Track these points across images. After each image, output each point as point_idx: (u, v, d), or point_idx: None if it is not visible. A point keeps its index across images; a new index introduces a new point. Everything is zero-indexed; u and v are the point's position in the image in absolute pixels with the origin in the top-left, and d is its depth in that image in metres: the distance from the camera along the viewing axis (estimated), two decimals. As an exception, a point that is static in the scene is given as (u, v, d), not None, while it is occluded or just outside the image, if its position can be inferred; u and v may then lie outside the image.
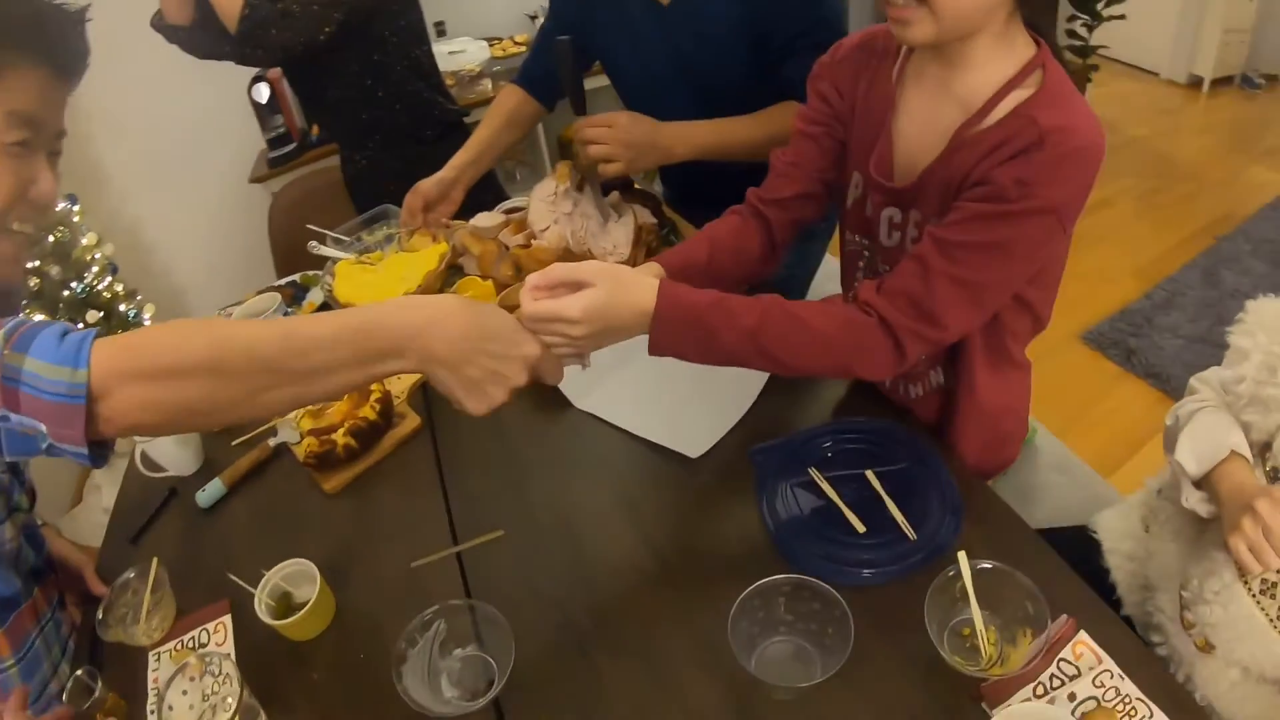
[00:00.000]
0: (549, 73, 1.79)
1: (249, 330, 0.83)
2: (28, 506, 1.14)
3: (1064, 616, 0.90)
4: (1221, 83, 5.17)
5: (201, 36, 1.94)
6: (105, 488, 2.84)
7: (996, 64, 0.99)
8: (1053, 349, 2.98)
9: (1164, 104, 5.35)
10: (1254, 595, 0.97)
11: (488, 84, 3.44)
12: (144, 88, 3.02)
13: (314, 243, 1.73)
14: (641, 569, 1.05)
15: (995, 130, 0.97)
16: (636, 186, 1.71)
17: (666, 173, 2.00)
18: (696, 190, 1.87)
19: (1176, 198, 4.19)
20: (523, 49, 3.61)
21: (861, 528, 1.05)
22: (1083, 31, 4.80)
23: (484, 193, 2.00)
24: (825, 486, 1.09)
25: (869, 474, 1.11)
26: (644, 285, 0.97)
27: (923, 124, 1.07)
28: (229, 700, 0.97)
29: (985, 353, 1.15)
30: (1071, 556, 1.02)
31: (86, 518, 2.77)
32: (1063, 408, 2.71)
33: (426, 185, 1.76)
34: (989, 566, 0.91)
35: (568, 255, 1.49)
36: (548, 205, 1.56)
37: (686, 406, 1.26)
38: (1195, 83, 5.28)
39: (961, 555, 0.91)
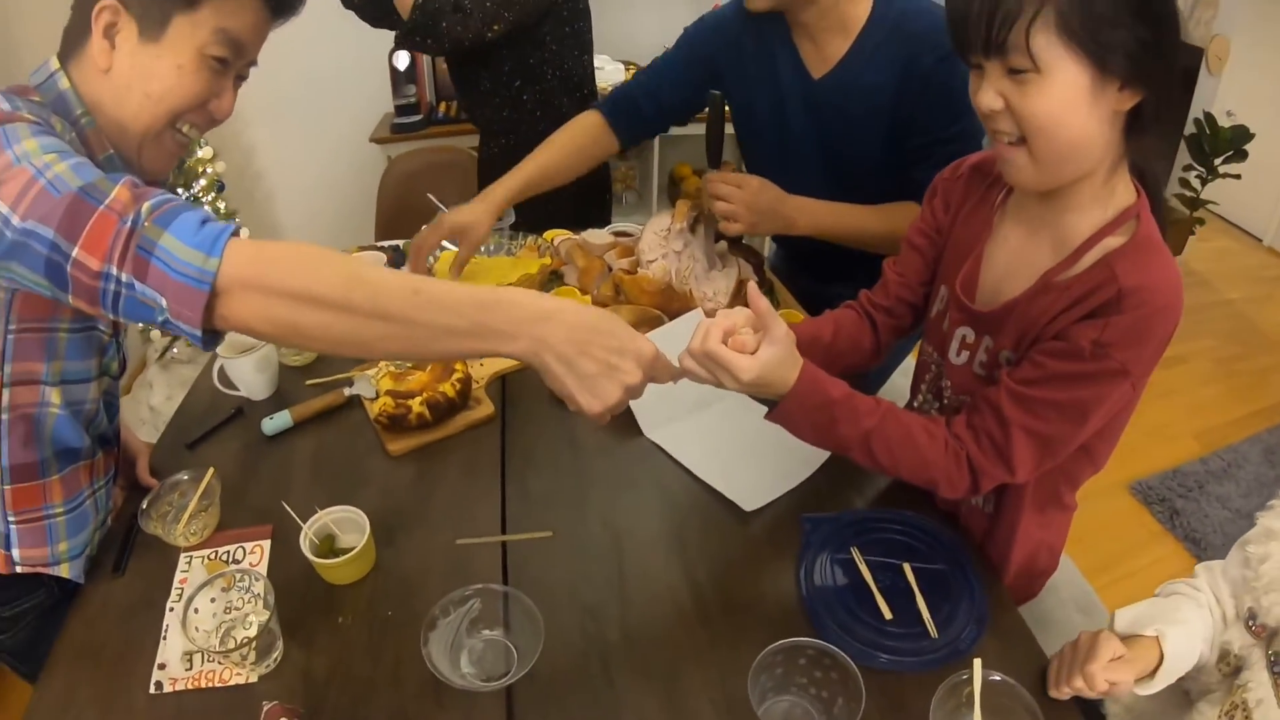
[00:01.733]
0: (643, 110, 1.77)
1: (380, 276, 0.88)
2: (116, 373, 1.22)
3: None
4: (1324, 261, 5.08)
5: (375, 9, 2.02)
6: (156, 387, 2.95)
7: (1095, 209, 1.03)
8: (1099, 493, 2.96)
9: (1262, 271, 5.30)
10: None
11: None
12: (290, 24, 3.18)
13: (426, 227, 1.80)
14: (677, 601, 1.10)
15: (1079, 280, 1.01)
16: (744, 241, 1.76)
17: (782, 237, 2.04)
18: (806, 261, 1.92)
19: (1255, 368, 4.15)
20: None
21: (889, 615, 1.09)
22: (1195, 183, 4.85)
23: (592, 208, 2.06)
24: (863, 568, 1.14)
25: (906, 566, 1.15)
26: (793, 362, 1.04)
27: (1014, 256, 1.12)
28: (251, 619, 1.03)
29: (1036, 494, 1.19)
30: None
31: (132, 411, 2.89)
32: (1097, 552, 2.70)
33: (453, 222, 1.68)
34: (999, 679, 0.95)
35: (669, 291, 1.56)
36: (659, 239, 1.63)
37: (750, 461, 1.31)
38: (1297, 256, 5.19)
39: (976, 662, 0.95)
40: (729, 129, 1.75)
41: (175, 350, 3.11)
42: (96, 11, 1.00)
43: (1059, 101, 0.93)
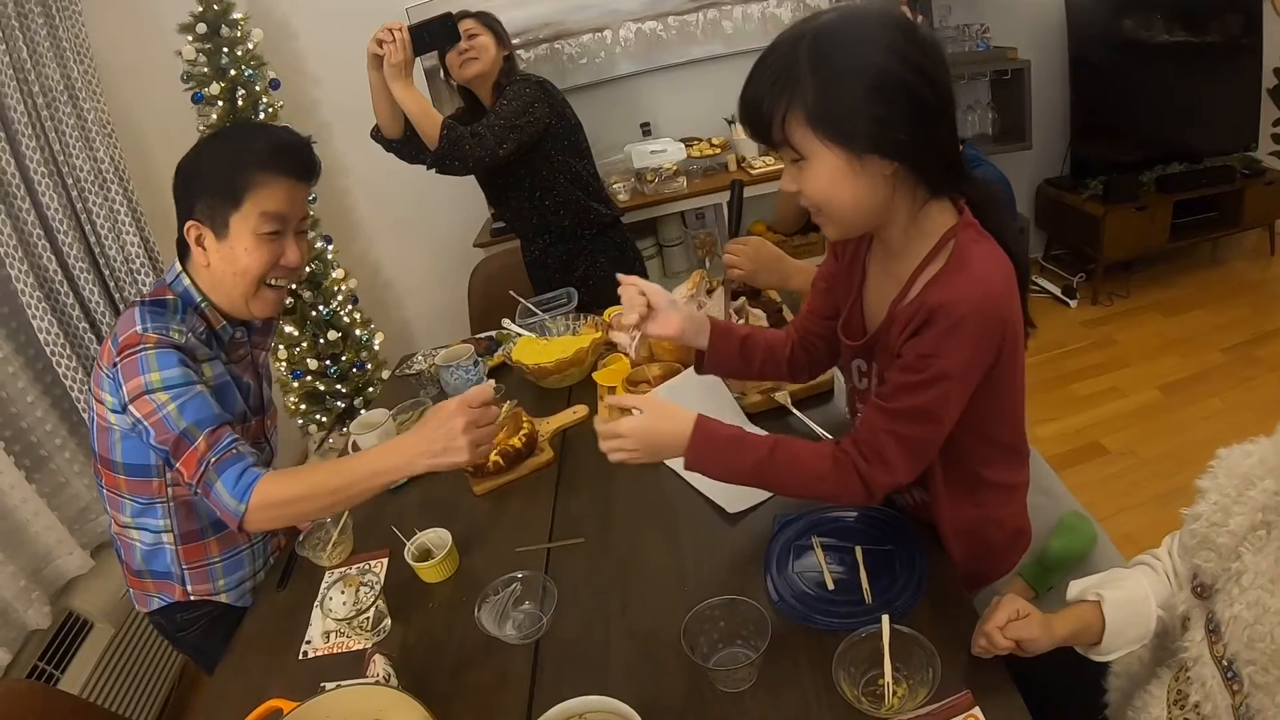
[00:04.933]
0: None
1: (338, 480, 1.48)
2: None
3: (965, 691, 1.15)
4: None
5: (408, 148, 2.65)
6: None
7: (915, 244, 1.25)
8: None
9: None
10: None
11: (683, 181, 3.94)
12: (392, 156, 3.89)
13: (507, 320, 2.33)
14: (666, 582, 1.49)
15: (909, 307, 1.23)
16: (762, 296, 2.20)
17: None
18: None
19: None
20: (718, 150, 4.10)
21: (831, 585, 1.39)
22: None
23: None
24: (817, 550, 1.46)
25: (857, 549, 1.43)
26: (683, 419, 1.33)
27: (876, 294, 1.38)
28: (366, 600, 1.52)
29: (948, 481, 1.40)
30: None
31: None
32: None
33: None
34: (905, 631, 1.17)
35: (685, 347, 1.97)
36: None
37: None
38: None
39: (885, 618, 1.18)
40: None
41: (331, 440, 3.76)
42: (187, 230, 1.60)
43: (826, 180, 1.16)
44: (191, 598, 1.76)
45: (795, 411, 1.87)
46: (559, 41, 4.05)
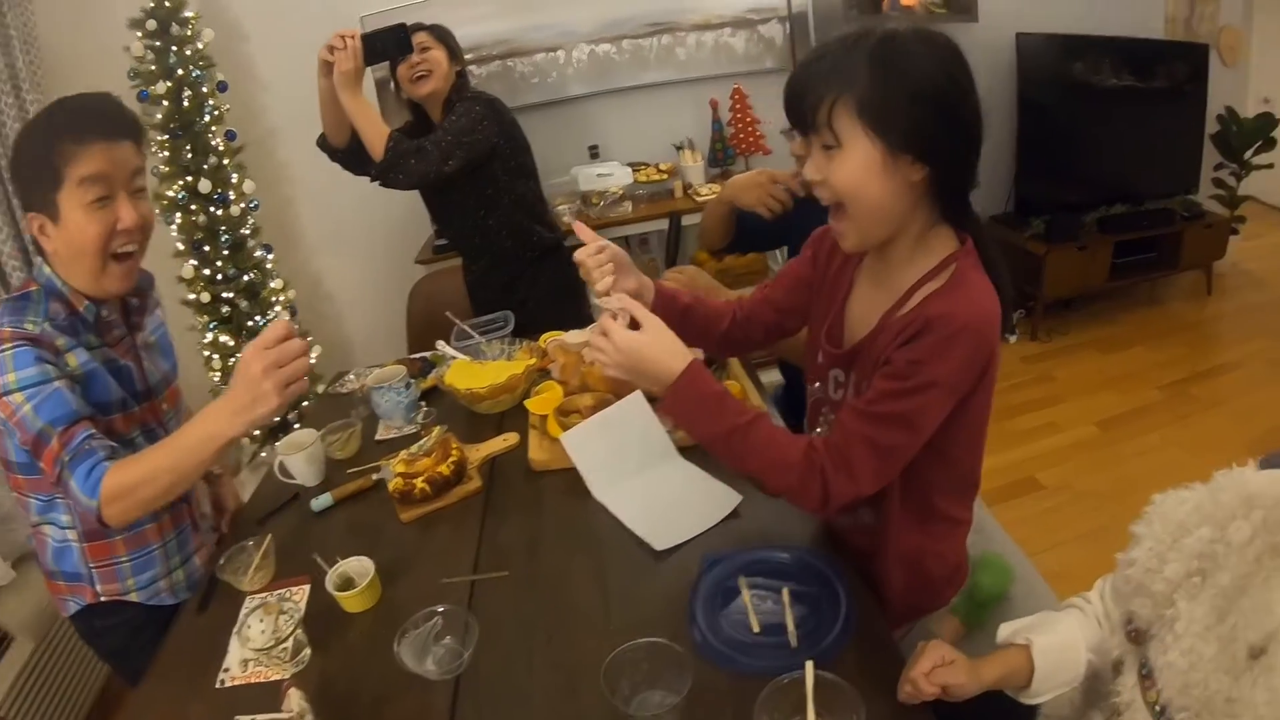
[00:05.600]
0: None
1: (170, 458, 1.50)
2: None
3: None
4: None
5: (353, 158, 2.65)
6: (248, 484, 3.55)
7: (917, 260, 1.32)
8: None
9: None
10: None
11: (628, 205, 4.00)
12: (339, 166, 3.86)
13: (441, 342, 2.33)
14: (591, 619, 1.49)
15: (904, 318, 1.29)
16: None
17: None
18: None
19: None
20: (665, 176, 4.17)
21: (757, 628, 1.37)
22: (1230, 180, 4.97)
23: (566, 307, 2.63)
24: (744, 592, 1.46)
25: (785, 590, 1.43)
26: (680, 354, 1.32)
27: (864, 306, 1.43)
28: (285, 629, 1.50)
29: (903, 503, 1.42)
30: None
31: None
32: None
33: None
34: (830, 678, 1.16)
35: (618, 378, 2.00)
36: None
37: (671, 513, 1.70)
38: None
39: (809, 664, 1.17)
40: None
41: (264, 454, 3.72)
42: (28, 225, 1.62)
43: (859, 169, 1.22)
44: (102, 599, 1.75)
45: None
46: (512, 59, 4.10)
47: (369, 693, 1.41)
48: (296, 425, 2.51)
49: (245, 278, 3.58)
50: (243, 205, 3.62)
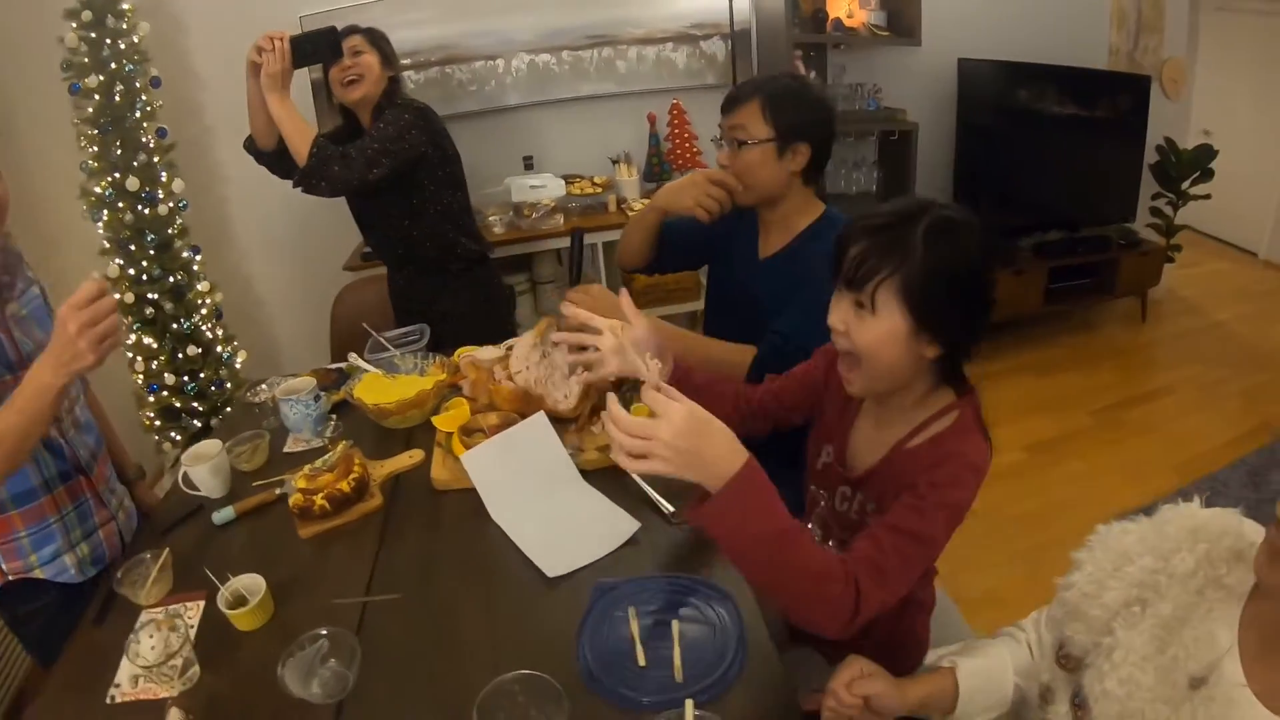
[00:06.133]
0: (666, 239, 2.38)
1: (19, 415, 1.54)
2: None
3: None
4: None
5: (280, 162, 2.66)
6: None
7: (917, 412, 1.46)
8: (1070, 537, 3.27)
9: (1254, 287, 5.57)
10: None
11: (560, 218, 4.03)
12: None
13: (354, 354, 2.34)
14: (476, 645, 1.51)
15: (920, 449, 1.43)
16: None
17: None
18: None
19: (1242, 389, 4.38)
20: (599, 190, 4.21)
21: (643, 661, 1.39)
22: (1167, 210, 5.12)
23: (494, 323, 2.63)
24: (633, 623, 1.48)
25: (674, 623, 1.46)
26: (739, 446, 1.23)
27: (868, 438, 1.56)
28: (174, 646, 1.51)
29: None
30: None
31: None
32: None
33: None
34: (707, 716, 1.18)
35: (526, 396, 2.04)
36: (525, 351, 2.13)
37: (567, 538, 1.73)
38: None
39: (689, 703, 1.19)
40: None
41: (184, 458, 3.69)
42: None
43: (884, 336, 1.36)
44: (10, 577, 1.77)
45: (634, 474, 1.87)
46: (450, 66, 4.10)
47: (255, 714, 1.42)
48: (196, 424, 2.50)
49: (171, 279, 3.55)
50: (171, 205, 3.58)
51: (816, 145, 2.11)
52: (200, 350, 3.62)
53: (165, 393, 3.65)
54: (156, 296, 3.52)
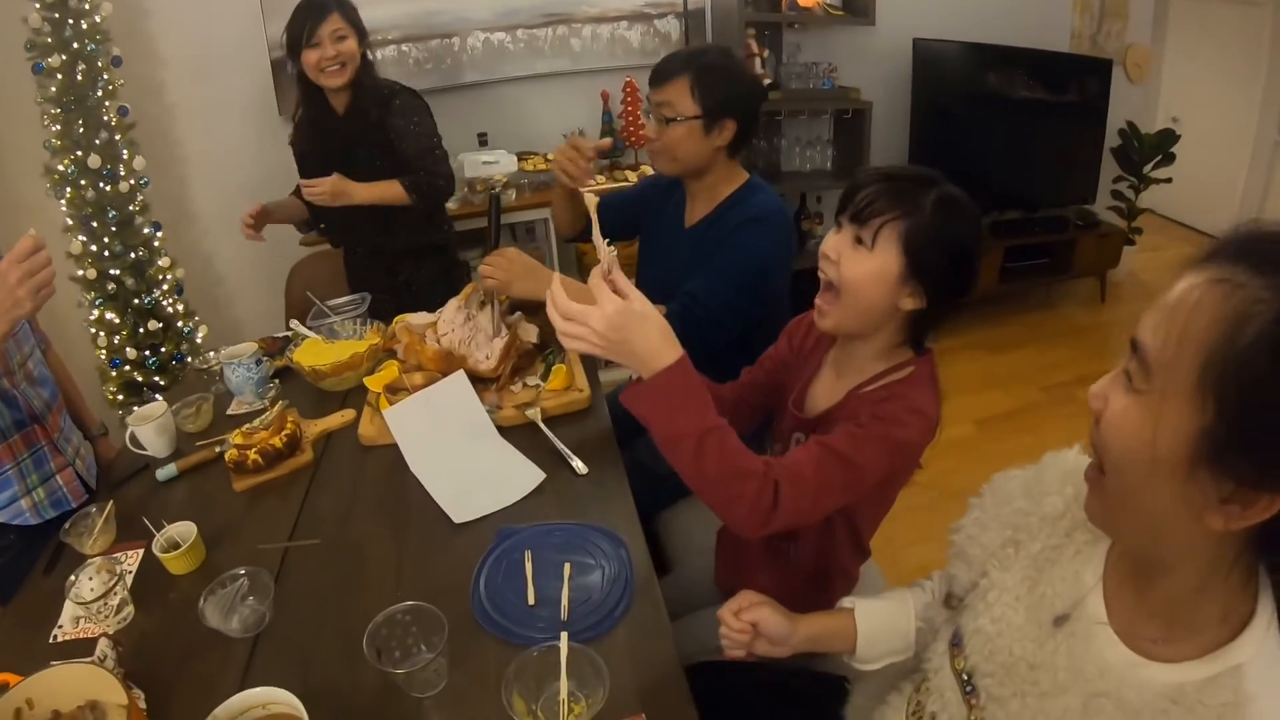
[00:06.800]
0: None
1: None
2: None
3: (642, 714, 1.26)
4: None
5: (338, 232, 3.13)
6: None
7: (879, 363, 1.55)
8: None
9: None
10: None
11: (512, 194, 4.17)
12: (237, 143, 4.03)
13: (295, 320, 2.50)
14: (383, 584, 1.66)
15: (872, 393, 1.52)
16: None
17: None
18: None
19: None
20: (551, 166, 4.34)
21: (533, 600, 1.52)
22: (1129, 193, 5.24)
23: (440, 291, 2.80)
24: (527, 564, 1.62)
25: (566, 565, 1.59)
26: (674, 341, 1.32)
27: (828, 386, 1.66)
28: (110, 584, 1.65)
29: (815, 559, 1.71)
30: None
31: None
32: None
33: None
34: (579, 648, 1.26)
35: (449, 357, 2.19)
36: (451, 314, 2.28)
37: (476, 487, 1.87)
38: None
39: (564, 635, 1.28)
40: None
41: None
42: None
43: (871, 275, 1.44)
44: None
45: (546, 430, 2.03)
46: (407, 44, 4.20)
47: (179, 648, 1.57)
48: (157, 397, 2.64)
49: (132, 255, 3.67)
50: (132, 182, 3.69)
51: (743, 120, 2.23)
52: (161, 325, 3.76)
53: (127, 367, 3.78)
54: (118, 272, 3.65)
